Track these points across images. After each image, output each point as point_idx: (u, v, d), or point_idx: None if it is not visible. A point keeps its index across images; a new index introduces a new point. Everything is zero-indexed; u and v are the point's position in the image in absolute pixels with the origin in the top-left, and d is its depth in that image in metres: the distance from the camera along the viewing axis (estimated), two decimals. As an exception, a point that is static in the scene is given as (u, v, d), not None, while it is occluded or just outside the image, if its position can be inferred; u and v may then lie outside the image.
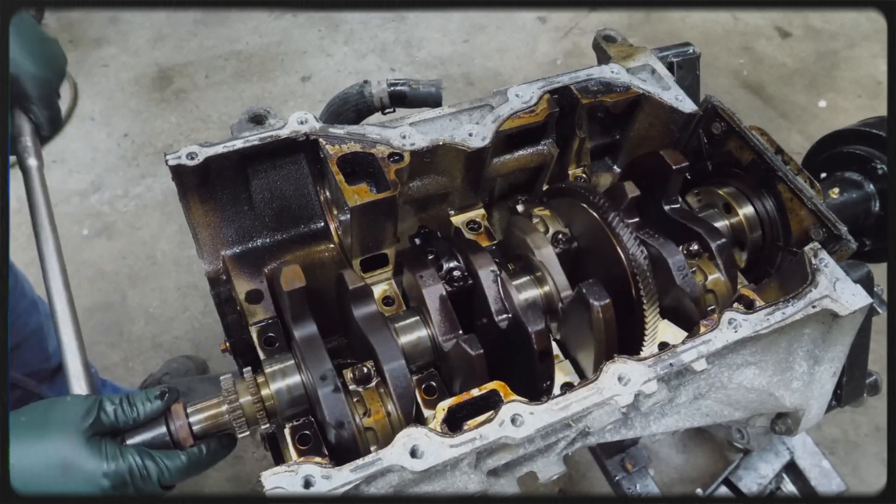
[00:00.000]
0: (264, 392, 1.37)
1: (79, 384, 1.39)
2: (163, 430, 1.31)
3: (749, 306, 1.43)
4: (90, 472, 1.17)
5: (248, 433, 1.38)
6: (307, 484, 1.10)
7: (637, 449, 2.58)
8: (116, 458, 1.20)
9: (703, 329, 1.34)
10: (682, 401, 1.44)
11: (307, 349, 1.35)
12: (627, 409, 1.26)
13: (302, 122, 1.53)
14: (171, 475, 1.26)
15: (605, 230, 1.52)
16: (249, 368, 1.40)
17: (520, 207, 1.75)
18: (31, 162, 1.64)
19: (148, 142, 4.27)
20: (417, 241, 1.70)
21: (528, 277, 1.62)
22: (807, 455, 2.54)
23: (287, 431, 1.39)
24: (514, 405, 1.21)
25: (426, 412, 1.43)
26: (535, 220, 1.68)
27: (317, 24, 5.00)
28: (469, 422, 1.20)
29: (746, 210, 1.76)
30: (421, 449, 1.14)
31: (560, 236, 1.65)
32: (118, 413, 1.26)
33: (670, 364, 1.28)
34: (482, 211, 1.78)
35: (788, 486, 2.57)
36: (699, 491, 2.69)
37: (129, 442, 1.28)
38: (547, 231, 1.67)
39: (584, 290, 1.41)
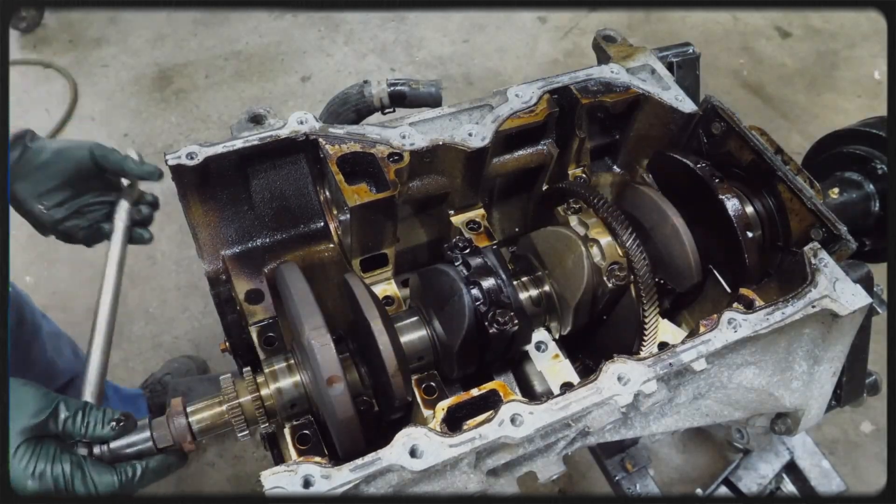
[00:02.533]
0: (264, 392, 1.37)
1: (89, 391, 1.48)
2: (136, 438, 1.32)
3: (749, 306, 1.43)
4: (18, 468, 1.21)
5: (247, 433, 1.38)
6: (307, 483, 1.10)
7: (637, 449, 2.58)
8: (47, 463, 1.23)
9: (702, 329, 1.34)
10: (681, 401, 1.44)
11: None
12: (627, 408, 1.26)
13: (302, 122, 1.53)
14: (97, 491, 1.26)
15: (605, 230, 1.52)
16: (249, 368, 1.40)
17: (573, 220, 1.61)
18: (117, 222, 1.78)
19: (148, 142, 4.28)
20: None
21: (529, 277, 1.62)
22: (807, 455, 2.54)
23: (287, 431, 1.39)
24: (513, 405, 1.21)
25: (426, 412, 1.43)
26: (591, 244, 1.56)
27: (317, 24, 5.00)
28: (468, 421, 1.20)
29: (746, 210, 1.76)
30: (420, 449, 1.14)
31: (616, 268, 1.52)
32: (67, 425, 1.28)
33: (670, 364, 1.28)
34: (482, 211, 1.78)
35: (788, 486, 2.57)
36: (699, 491, 2.69)
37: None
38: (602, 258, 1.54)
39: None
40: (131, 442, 1.32)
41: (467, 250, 1.51)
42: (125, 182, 1.83)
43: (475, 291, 1.43)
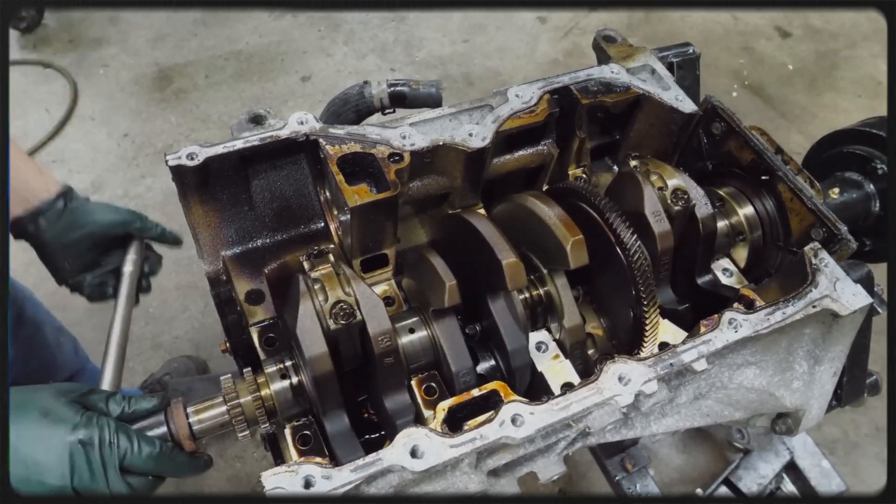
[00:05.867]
0: (264, 392, 1.37)
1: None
2: (162, 429, 1.32)
3: (749, 306, 1.43)
4: (65, 421, 1.22)
5: (248, 433, 1.38)
6: (307, 484, 1.10)
7: (637, 449, 2.58)
8: (92, 420, 1.24)
9: (703, 329, 1.34)
10: (682, 401, 1.44)
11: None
12: (628, 409, 1.26)
13: (302, 123, 1.53)
14: (138, 457, 1.26)
15: (605, 230, 1.52)
16: (249, 369, 1.40)
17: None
18: (127, 268, 1.80)
19: (148, 142, 4.27)
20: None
21: (529, 277, 1.62)
22: (807, 455, 2.54)
23: (287, 431, 1.39)
24: (514, 405, 1.21)
25: (426, 412, 1.43)
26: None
27: (317, 24, 5.00)
28: (469, 422, 1.20)
29: (746, 210, 1.76)
30: (421, 449, 1.14)
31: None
32: (110, 403, 1.30)
33: (671, 364, 1.28)
34: (482, 211, 1.78)
35: (788, 486, 2.57)
36: (699, 491, 2.69)
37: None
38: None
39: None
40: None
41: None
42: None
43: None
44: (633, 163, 1.72)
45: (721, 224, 1.78)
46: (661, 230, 1.57)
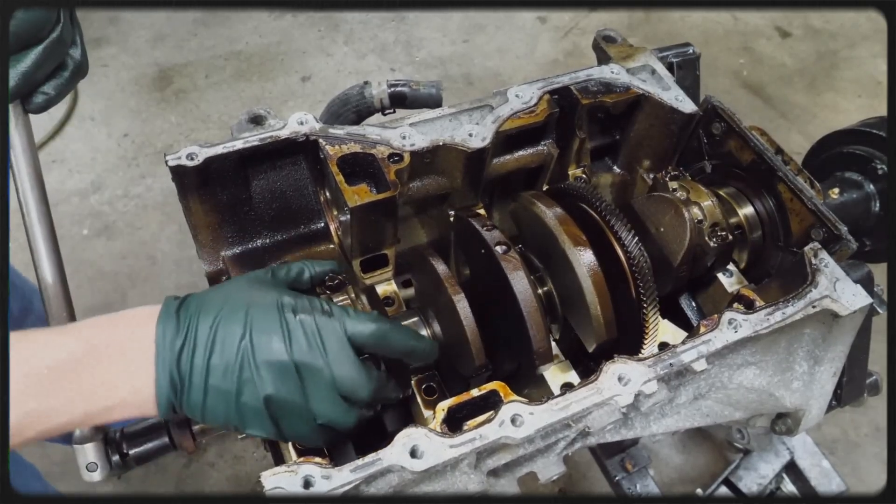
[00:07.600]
0: (264, 392, 1.37)
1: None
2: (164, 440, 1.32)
3: (749, 306, 1.43)
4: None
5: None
6: (307, 484, 1.10)
7: (637, 449, 2.58)
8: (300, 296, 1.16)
9: (703, 329, 1.34)
10: (682, 401, 1.44)
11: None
12: (627, 409, 1.26)
13: (302, 123, 1.53)
14: (358, 321, 1.14)
15: (605, 231, 1.52)
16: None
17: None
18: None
19: (148, 142, 4.28)
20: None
21: (529, 277, 1.62)
22: (807, 455, 2.54)
23: (287, 432, 1.39)
24: (513, 405, 1.21)
25: (426, 412, 1.43)
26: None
27: (317, 24, 5.00)
28: (469, 422, 1.20)
29: (746, 210, 1.76)
30: (421, 449, 1.14)
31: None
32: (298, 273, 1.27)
33: (670, 364, 1.28)
34: (482, 211, 1.78)
35: (788, 486, 2.57)
36: (699, 491, 2.69)
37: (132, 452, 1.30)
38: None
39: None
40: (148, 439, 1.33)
41: None
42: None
43: None
44: (672, 184, 1.66)
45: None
46: (679, 276, 1.58)
